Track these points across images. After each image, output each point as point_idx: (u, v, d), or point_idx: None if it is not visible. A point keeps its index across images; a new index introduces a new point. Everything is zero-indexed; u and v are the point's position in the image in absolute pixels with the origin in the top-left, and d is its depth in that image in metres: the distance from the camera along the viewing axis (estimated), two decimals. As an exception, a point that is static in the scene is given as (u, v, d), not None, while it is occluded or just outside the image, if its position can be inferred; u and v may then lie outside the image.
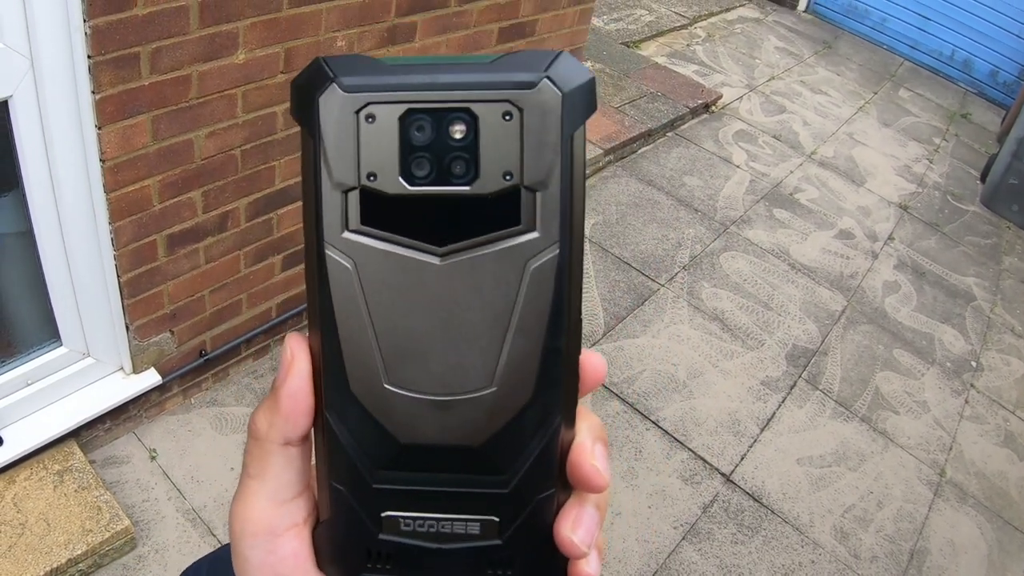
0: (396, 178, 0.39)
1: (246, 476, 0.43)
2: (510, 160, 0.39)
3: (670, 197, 5.16)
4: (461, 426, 0.41)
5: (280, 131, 2.66)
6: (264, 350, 3.30)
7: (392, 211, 0.39)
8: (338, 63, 0.39)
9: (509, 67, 0.39)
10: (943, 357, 4.55)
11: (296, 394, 0.41)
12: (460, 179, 0.39)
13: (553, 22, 3.52)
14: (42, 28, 1.96)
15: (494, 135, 0.38)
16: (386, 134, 0.38)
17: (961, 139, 7.34)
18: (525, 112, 0.39)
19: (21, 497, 2.53)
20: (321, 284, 0.40)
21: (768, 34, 8.27)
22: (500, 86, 0.39)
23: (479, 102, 0.38)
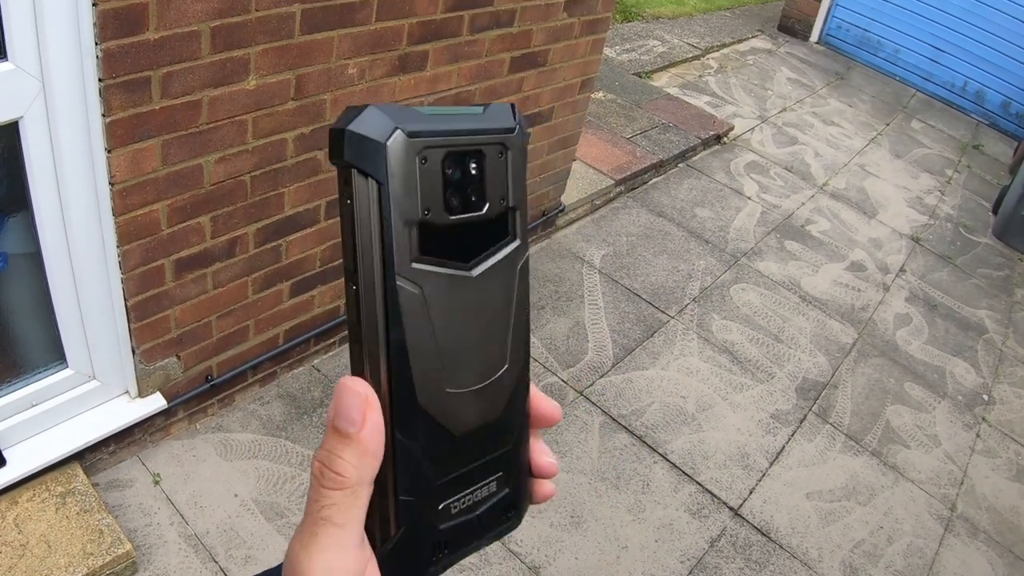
0: (442, 211, 0.45)
1: (330, 526, 0.42)
2: (503, 188, 0.48)
3: (681, 228, 5.15)
4: (490, 404, 0.49)
5: (290, 158, 2.66)
6: (271, 377, 3.29)
7: (437, 239, 0.45)
8: (390, 111, 0.44)
9: (495, 117, 0.48)
10: (955, 390, 4.52)
11: (379, 429, 0.43)
12: (477, 206, 0.47)
13: (565, 52, 3.54)
14: (54, 50, 1.97)
15: (493, 169, 0.47)
16: (434, 174, 0.45)
17: (973, 170, 7.33)
18: (510, 151, 0.48)
19: (23, 518, 2.52)
20: (392, 313, 0.44)
21: (780, 65, 8.29)
22: (496, 132, 0.48)
23: (485, 144, 0.47)
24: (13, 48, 1.94)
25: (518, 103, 3.47)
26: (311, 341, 3.33)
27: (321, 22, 2.48)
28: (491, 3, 3.03)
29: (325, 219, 2.96)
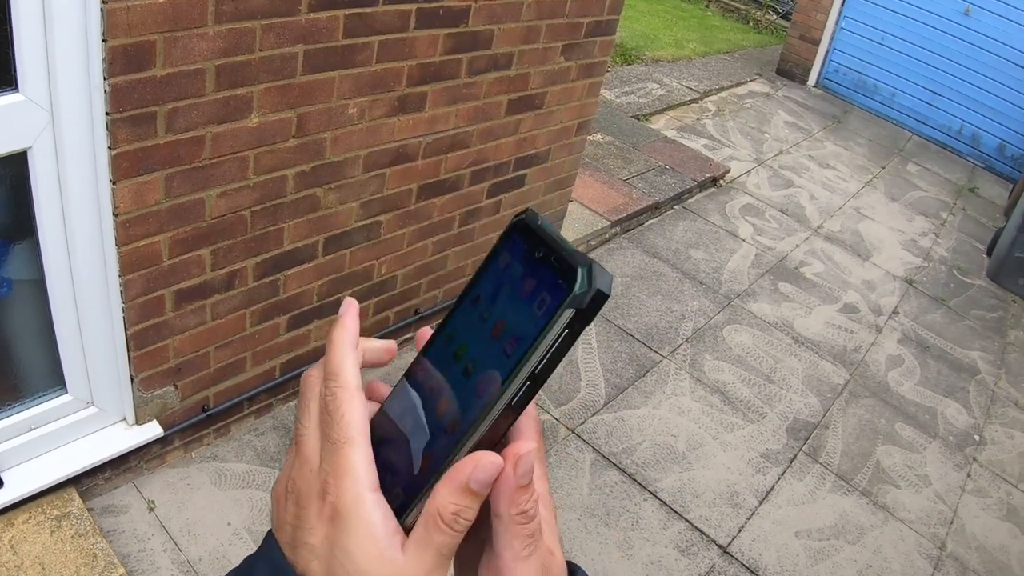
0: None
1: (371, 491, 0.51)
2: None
3: (675, 270, 5.21)
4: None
5: (290, 194, 2.72)
6: (266, 408, 3.33)
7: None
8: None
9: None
10: (946, 431, 4.55)
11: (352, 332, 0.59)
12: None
13: (562, 95, 3.61)
14: (63, 83, 2.03)
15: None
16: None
17: (968, 213, 7.40)
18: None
19: (18, 540, 2.55)
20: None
21: (778, 109, 8.39)
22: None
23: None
24: (24, 80, 2.00)
25: (515, 144, 3.57)
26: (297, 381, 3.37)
27: (323, 63, 2.55)
28: (489, 46, 3.11)
29: (323, 255, 3.02)
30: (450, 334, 0.54)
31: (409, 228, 3.32)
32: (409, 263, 3.46)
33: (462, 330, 0.54)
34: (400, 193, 3.16)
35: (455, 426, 0.51)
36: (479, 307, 0.53)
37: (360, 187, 2.97)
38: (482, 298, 0.53)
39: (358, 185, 2.95)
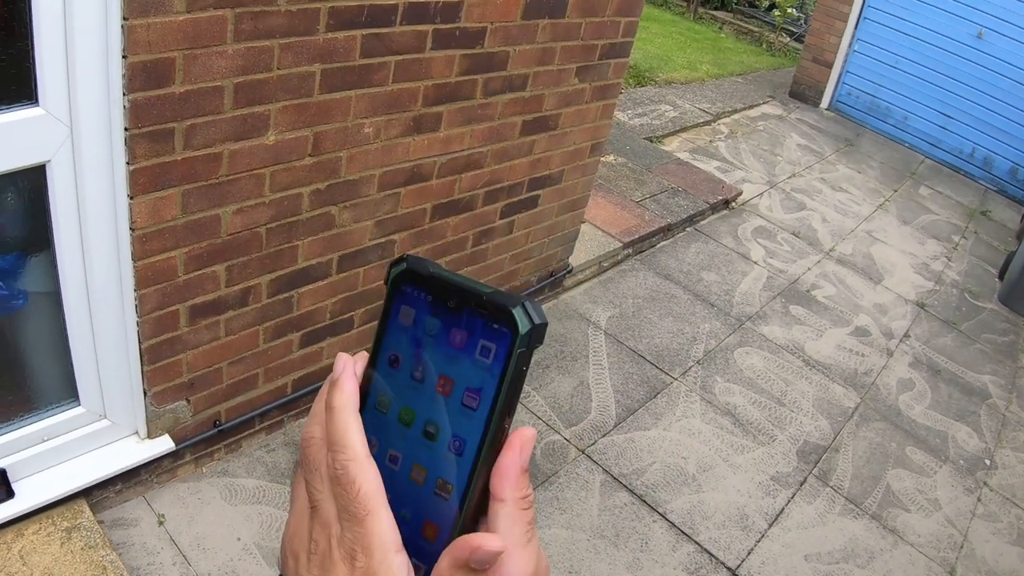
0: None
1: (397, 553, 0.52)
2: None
3: (687, 292, 5.21)
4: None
5: (305, 212, 2.74)
6: (278, 425, 3.34)
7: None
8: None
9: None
10: (956, 455, 4.53)
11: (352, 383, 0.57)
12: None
13: (575, 116, 3.63)
14: (83, 98, 2.06)
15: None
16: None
17: (980, 236, 7.38)
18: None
19: (28, 551, 2.56)
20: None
21: (791, 131, 8.40)
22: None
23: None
24: (45, 94, 2.03)
25: (528, 165, 3.58)
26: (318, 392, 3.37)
27: (340, 82, 2.57)
28: (504, 68, 3.13)
29: (337, 272, 3.03)
30: (382, 401, 0.55)
31: (423, 247, 3.33)
32: (422, 282, 3.46)
33: (397, 395, 0.55)
34: (414, 212, 3.17)
35: (445, 489, 0.53)
36: (403, 369, 0.54)
37: (375, 206, 2.98)
38: (402, 359, 0.54)
39: (373, 204, 2.97)
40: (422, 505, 0.53)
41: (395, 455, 0.54)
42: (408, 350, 0.54)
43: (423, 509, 0.53)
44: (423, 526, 0.53)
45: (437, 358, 0.53)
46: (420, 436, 0.53)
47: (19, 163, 2.12)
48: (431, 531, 0.53)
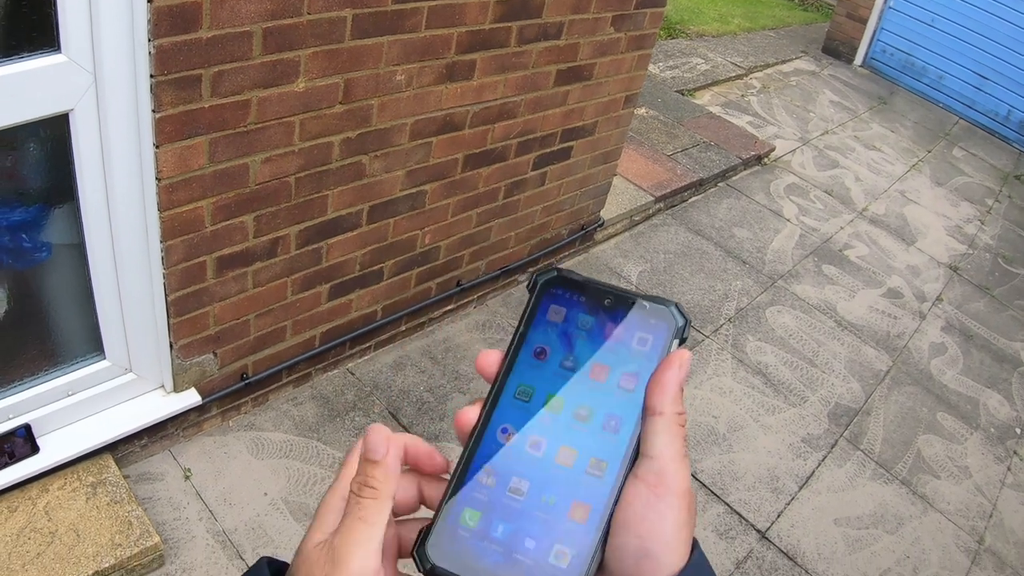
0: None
1: (364, 525, 0.53)
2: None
3: (719, 248, 5.13)
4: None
5: (335, 161, 2.68)
6: (305, 378, 3.30)
7: None
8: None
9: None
10: (987, 422, 4.45)
11: (397, 458, 0.57)
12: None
13: (611, 66, 3.53)
14: (107, 45, 1.99)
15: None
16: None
17: (1014, 201, 7.24)
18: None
19: (53, 506, 2.54)
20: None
21: (823, 88, 8.25)
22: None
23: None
24: (67, 41, 1.96)
25: (562, 116, 3.50)
26: (347, 344, 3.34)
27: (371, 27, 2.49)
28: (540, 15, 3.03)
29: (367, 223, 2.97)
30: (524, 391, 0.56)
31: (454, 198, 3.26)
32: (453, 234, 3.41)
33: (544, 384, 0.57)
34: (446, 162, 3.10)
35: (599, 467, 0.54)
36: (551, 360, 0.57)
37: (406, 155, 2.91)
38: (550, 351, 0.57)
39: (404, 153, 2.90)
40: (570, 486, 0.54)
41: (538, 440, 0.55)
42: (558, 343, 0.57)
43: (571, 490, 0.53)
44: (571, 508, 0.53)
45: (591, 349, 0.56)
46: (570, 420, 0.55)
47: (41, 112, 2.06)
48: (580, 512, 0.53)
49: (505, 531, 0.53)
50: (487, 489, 0.54)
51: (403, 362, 3.57)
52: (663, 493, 0.52)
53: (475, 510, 0.54)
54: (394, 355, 3.60)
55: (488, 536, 0.53)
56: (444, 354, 3.72)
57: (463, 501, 0.54)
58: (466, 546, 0.53)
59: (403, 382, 3.48)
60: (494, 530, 0.53)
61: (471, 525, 0.53)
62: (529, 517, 0.53)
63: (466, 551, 0.53)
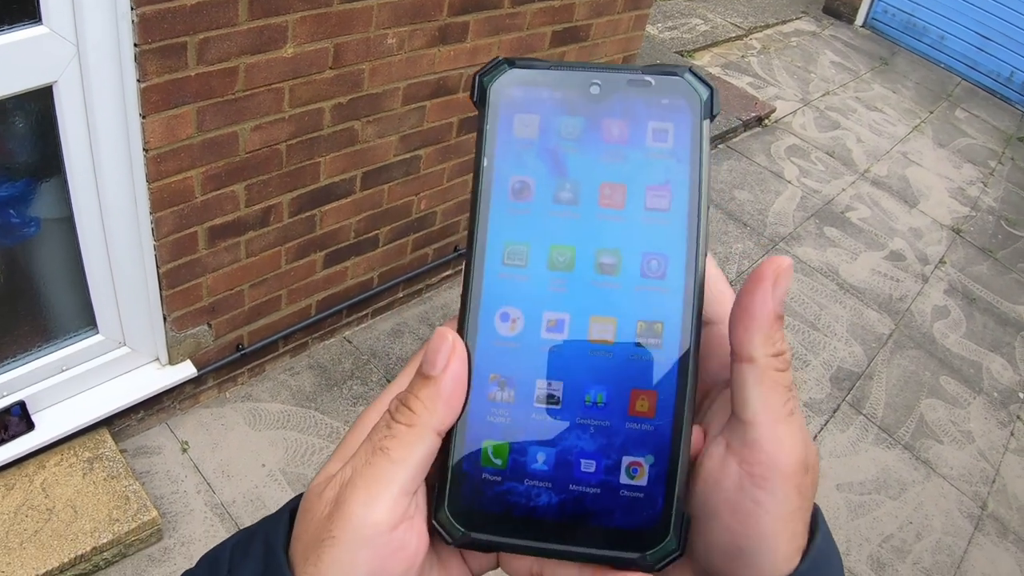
0: None
1: (386, 460, 0.39)
2: None
3: (719, 210, 5.08)
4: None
5: (327, 127, 2.63)
6: (302, 347, 3.28)
7: None
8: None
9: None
10: (990, 387, 4.43)
11: (459, 379, 0.41)
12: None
13: (607, 27, 3.47)
14: (89, 15, 1.94)
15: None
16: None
17: (1017, 163, 7.18)
18: None
19: (50, 483, 2.52)
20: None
21: (824, 48, 8.16)
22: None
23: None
24: (48, 12, 1.92)
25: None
26: (343, 312, 3.32)
27: (361, -10, 2.44)
28: (534, -25, 2.98)
29: (361, 190, 2.94)
30: (514, 252, 0.41)
31: (449, 163, 3.22)
32: (448, 199, 3.37)
33: (539, 234, 0.41)
34: (440, 127, 3.06)
35: (654, 331, 0.40)
36: (539, 196, 0.41)
37: (399, 120, 2.87)
38: (535, 183, 0.41)
39: (397, 118, 2.86)
40: (621, 370, 0.40)
41: (556, 318, 0.41)
42: (542, 168, 0.41)
43: (624, 376, 0.40)
44: (630, 401, 0.40)
45: (592, 165, 0.41)
46: (593, 275, 0.41)
47: (25, 85, 2.01)
48: (645, 403, 0.40)
49: (548, 459, 0.40)
50: (506, 408, 0.41)
51: (401, 329, 3.55)
52: (763, 474, 0.39)
53: (498, 441, 0.41)
54: (392, 322, 3.57)
55: (527, 473, 0.41)
56: (442, 320, 3.68)
57: (478, 433, 0.41)
58: (501, 496, 0.41)
59: (401, 349, 3.46)
60: (532, 462, 0.41)
61: (499, 464, 0.41)
62: (576, 430, 0.40)
63: (503, 503, 0.41)
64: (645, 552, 0.40)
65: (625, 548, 0.40)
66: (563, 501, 0.40)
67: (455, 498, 0.41)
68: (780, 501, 0.39)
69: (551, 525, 0.40)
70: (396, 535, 0.39)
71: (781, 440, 0.39)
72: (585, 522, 0.40)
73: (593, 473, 0.40)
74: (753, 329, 0.39)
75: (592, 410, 0.40)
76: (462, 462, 0.41)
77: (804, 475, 0.40)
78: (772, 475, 0.39)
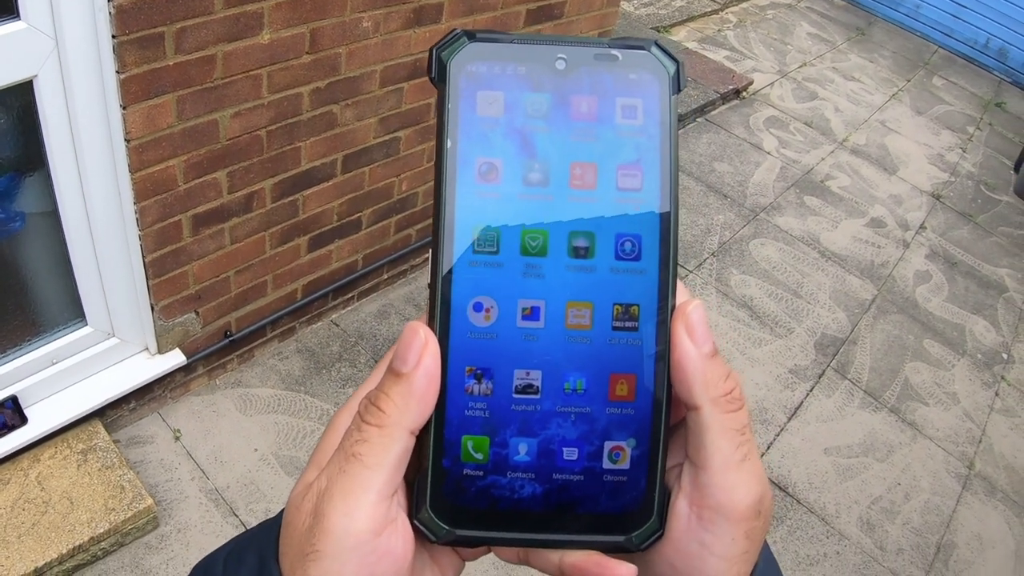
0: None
1: (359, 466, 0.39)
2: None
3: (700, 183, 5.11)
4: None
5: (306, 112, 2.64)
6: (289, 332, 3.30)
7: None
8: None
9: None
10: (974, 348, 4.49)
11: (431, 375, 0.39)
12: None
13: (581, 4, 3.48)
14: (66, 8, 1.95)
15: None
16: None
17: (995, 128, 7.23)
18: None
19: (45, 476, 2.54)
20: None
21: (800, 20, 8.18)
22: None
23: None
24: (26, 7, 1.92)
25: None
26: (329, 296, 3.33)
27: (334, -26, 2.45)
28: (507, -46, 2.99)
29: (342, 173, 2.95)
30: (485, 239, 0.40)
31: (428, 144, 3.24)
32: (429, 179, 3.38)
33: (509, 217, 0.40)
34: (419, 108, 3.07)
35: (630, 314, 0.40)
36: (508, 178, 0.39)
37: (377, 103, 2.88)
38: (502, 164, 0.39)
39: (375, 101, 2.87)
40: (599, 356, 0.40)
41: (532, 307, 0.40)
42: (509, 148, 0.39)
43: (602, 361, 0.40)
44: (610, 386, 0.40)
45: (561, 143, 0.39)
46: (566, 258, 0.40)
47: (5, 80, 2.02)
48: (624, 387, 0.40)
49: (530, 450, 0.40)
50: (484, 401, 0.40)
51: (387, 310, 3.57)
52: (711, 517, 0.40)
53: (478, 435, 0.40)
54: (378, 304, 3.59)
55: (509, 465, 0.40)
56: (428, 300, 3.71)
57: (456, 429, 0.40)
58: (484, 491, 0.40)
59: (388, 331, 3.48)
60: (514, 453, 0.40)
61: (480, 459, 0.40)
62: (556, 419, 0.40)
63: (486, 498, 0.40)
64: (631, 534, 0.41)
65: (611, 532, 0.41)
66: (547, 491, 0.40)
67: (436, 496, 0.40)
68: (727, 544, 0.40)
69: (536, 515, 0.41)
70: (380, 541, 0.39)
71: (733, 486, 0.39)
72: (570, 510, 0.41)
73: (576, 460, 0.40)
74: (688, 381, 0.40)
75: (572, 397, 0.40)
76: (441, 460, 0.40)
77: (755, 520, 0.40)
78: (720, 520, 0.39)
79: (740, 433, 0.40)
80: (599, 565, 0.40)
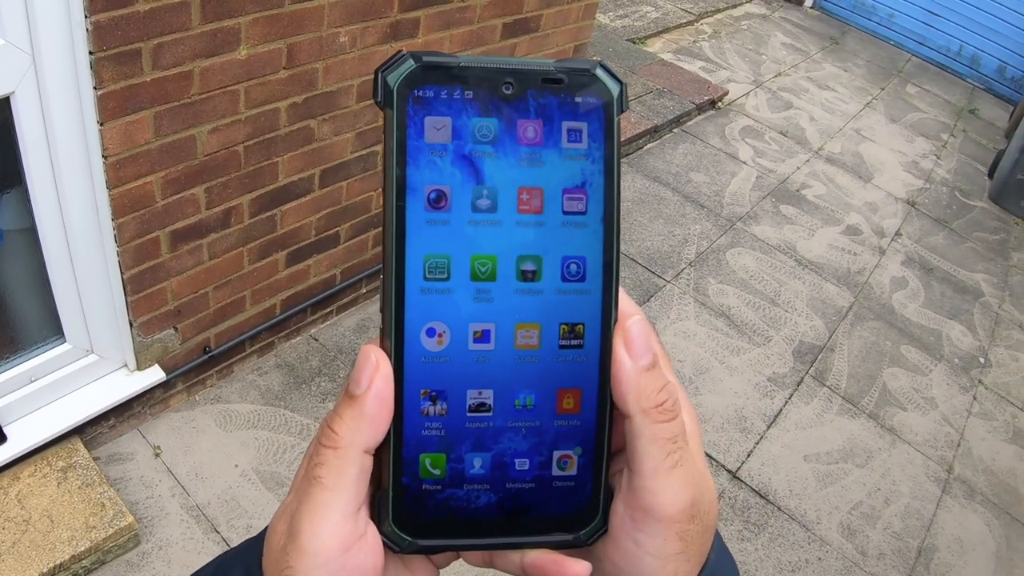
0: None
1: (320, 489, 0.41)
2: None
3: (676, 193, 5.14)
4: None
5: (283, 127, 2.65)
6: (269, 347, 3.29)
7: None
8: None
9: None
10: (951, 353, 4.53)
11: (382, 396, 0.41)
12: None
13: (557, 17, 3.51)
14: (43, 24, 1.95)
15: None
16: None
17: (969, 135, 7.31)
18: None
19: (25, 494, 2.53)
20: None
21: (775, 30, 8.25)
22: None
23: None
24: (2, 23, 1.92)
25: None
26: (308, 311, 3.33)
27: (311, -10, 2.46)
28: (482, -31, 3.01)
29: (319, 188, 2.95)
30: (436, 267, 0.41)
31: (407, 158, 3.24)
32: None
33: (459, 244, 0.40)
34: (396, 124, 3.07)
35: (575, 333, 0.42)
36: (456, 205, 0.40)
37: (354, 117, 2.89)
38: (451, 191, 0.40)
39: (352, 115, 2.88)
40: (547, 373, 0.42)
41: (483, 330, 0.41)
42: (457, 175, 0.40)
43: (549, 378, 0.42)
44: (557, 401, 0.42)
45: (508, 169, 0.40)
46: (515, 282, 0.41)
47: (-19, 97, 2.02)
48: (570, 400, 0.42)
49: (484, 463, 0.42)
50: (439, 420, 0.42)
51: (366, 324, 3.57)
52: (642, 518, 0.42)
53: (434, 453, 0.42)
54: (356, 318, 3.59)
55: (465, 478, 0.42)
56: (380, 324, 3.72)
57: (414, 448, 0.42)
58: (443, 503, 0.42)
59: (368, 346, 3.48)
60: (470, 467, 0.42)
61: (438, 474, 0.42)
62: (508, 433, 0.42)
63: (445, 509, 0.43)
64: (579, 532, 0.44)
65: (562, 531, 0.44)
66: (502, 499, 0.43)
67: (398, 510, 0.42)
68: (659, 544, 0.42)
69: (493, 522, 0.43)
70: (350, 557, 0.41)
71: (662, 491, 0.41)
72: (524, 514, 0.43)
73: (527, 470, 0.43)
74: (622, 392, 0.42)
75: (523, 413, 0.42)
76: (401, 477, 0.42)
77: (688, 523, 0.42)
78: (651, 521, 0.42)
79: (672, 441, 0.42)
80: (556, 563, 0.43)
